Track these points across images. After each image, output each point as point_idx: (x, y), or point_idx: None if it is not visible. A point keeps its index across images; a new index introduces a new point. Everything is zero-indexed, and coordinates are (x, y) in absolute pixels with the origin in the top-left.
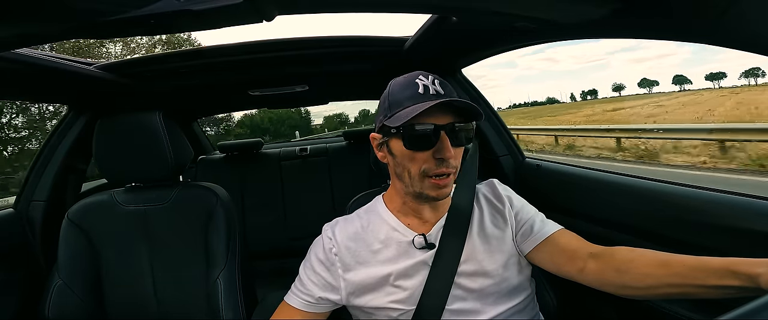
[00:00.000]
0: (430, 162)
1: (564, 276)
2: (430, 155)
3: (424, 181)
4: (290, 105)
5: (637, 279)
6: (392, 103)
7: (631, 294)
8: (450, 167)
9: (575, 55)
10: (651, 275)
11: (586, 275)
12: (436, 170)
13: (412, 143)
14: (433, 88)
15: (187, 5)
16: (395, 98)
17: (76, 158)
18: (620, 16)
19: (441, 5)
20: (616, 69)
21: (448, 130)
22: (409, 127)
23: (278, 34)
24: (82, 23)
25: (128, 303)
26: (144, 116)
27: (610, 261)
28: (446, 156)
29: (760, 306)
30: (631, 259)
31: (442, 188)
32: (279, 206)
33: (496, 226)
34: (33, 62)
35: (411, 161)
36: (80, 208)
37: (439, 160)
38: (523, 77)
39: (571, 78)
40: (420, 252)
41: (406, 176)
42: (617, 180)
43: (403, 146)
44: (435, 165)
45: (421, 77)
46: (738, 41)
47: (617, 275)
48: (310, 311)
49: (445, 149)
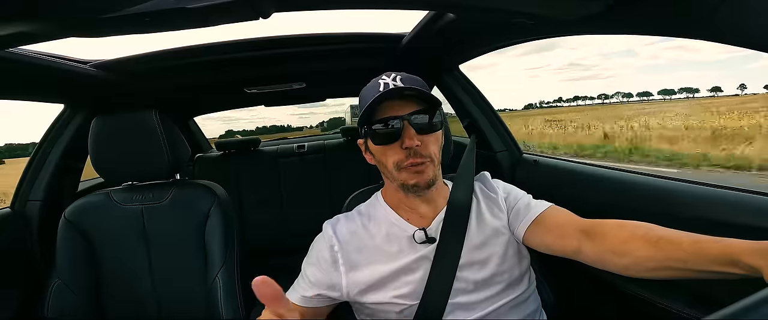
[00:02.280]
0: (399, 154)
1: (561, 255)
2: (399, 147)
3: (402, 172)
4: (287, 102)
5: (637, 262)
6: (362, 104)
7: (633, 276)
8: (419, 157)
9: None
10: (651, 258)
11: (584, 256)
12: (407, 161)
13: (378, 139)
14: (393, 83)
15: (182, 3)
16: (364, 99)
17: (73, 157)
18: (615, 12)
19: (438, 1)
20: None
21: (411, 119)
22: (372, 123)
23: (274, 32)
24: (75, 22)
25: (127, 303)
26: (140, 114)
27: (604, 242)
28: (410, 145)
29: (759, 301)
30: (624, 240)
31: (420, 175)
32: (277, 204)
33: (493, 216)
34: (28, 61)
35: (384, 156)
36: (77, 208)
37: (407, 150)
38: (651, 67)
39: (718, 68)
40: (421, 246)
41: (387, 172)
42: (614, 176)
43: (373, 143)
44: (405, 156)
45: (383, 77)
46: (730, 37)
47: (616, 258)
48: (311, 307)
49: (408, 138)
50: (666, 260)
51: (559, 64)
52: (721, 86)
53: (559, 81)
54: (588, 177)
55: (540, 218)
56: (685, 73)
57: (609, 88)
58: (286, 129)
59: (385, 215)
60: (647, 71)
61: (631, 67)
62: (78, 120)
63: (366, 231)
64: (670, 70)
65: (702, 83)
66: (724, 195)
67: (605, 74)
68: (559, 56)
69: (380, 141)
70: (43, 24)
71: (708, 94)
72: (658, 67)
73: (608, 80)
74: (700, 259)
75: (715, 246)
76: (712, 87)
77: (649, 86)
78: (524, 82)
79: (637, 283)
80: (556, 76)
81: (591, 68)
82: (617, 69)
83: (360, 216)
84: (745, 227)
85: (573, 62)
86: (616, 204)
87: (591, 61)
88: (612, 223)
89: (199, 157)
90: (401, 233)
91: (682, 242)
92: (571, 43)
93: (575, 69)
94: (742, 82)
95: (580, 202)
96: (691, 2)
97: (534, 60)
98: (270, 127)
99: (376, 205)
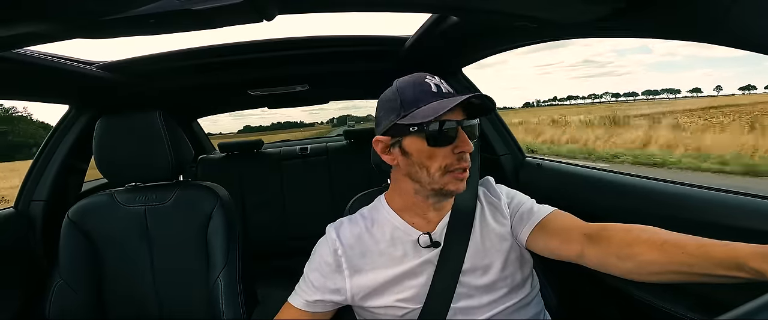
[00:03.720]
0: (450, 157)
1: (565, 259)
2: (450, 151)
3: (446, 176)
4: (291, 105)
5: (642, 266)
6: (406, 102)
7: (636, 280)
8: (468, 161)
9: None
10: (655, 262)
11: (587, 261)
12: (458, 164)
13: (435, 140)
14: (444, 86)
15: (187, 5)
16: (408, 98)
17: (77, 158)
18: (622, 16)
19: (441, 4)
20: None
21: (463, 124)
22: (434, 124)
23: (279, 34)
24: (81, 23)
25: (129, 303)
26: (144, 115)
27: (608, 246)
28: (467, 149)
29: (761, 306)
30: (629, 243)
31: (461, 182)
32: (279, 206)
33: (496, 221)
34: (33, 62)
35: (431, 158)
36: (80, 208)
37: (460, 154)
38: (663, 64)
39: (734, 65)
40: (425, 250)
41: (425, 175)
42: (617, 179)
43: (426, 144)
44: (456, 160)
45: (428, 77)
46: (740, 41)
47: (620, 262)
48: (314, 311)
49: (466, 143)
50: (671, 264)
51: (573, 61)
52: (747, 83)
53: (572, 78)
54: (591, 181)
55: (543, 222)
56: (701, 71)
57: (624, 86)
58: (299, 125)
59: (388, 219)
60: (661, 69)
61: (644, 63)
62: (83, 121)
63: (370, 235)
64: (684, 67)
65: (717, 81)
66: (728, 199)
67: (620, 71)
68: (573, 53)
69: (436, 142)
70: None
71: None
72: (674, 64)
73: (624, 77)
74: (706, 263)
75: (721, 250)
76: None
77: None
78: (533, 80)
79: (641, 286)
80: (571, 72)
81: (606, 65)
82: (632, 66)
83: (363, 220)
84: (750, 231)
85: (588, 59)
86: (619, 208)
87: (606, 58)
88: (616, 227)
89: (202, 158)
90: (406, 238)
91: (688, 245)
92: (586, 40)
93: (590, 66)
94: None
95: (583, 205)
96: (702, 6)
97: (545, 57)
98: (284, 123)
99: (380, 208)
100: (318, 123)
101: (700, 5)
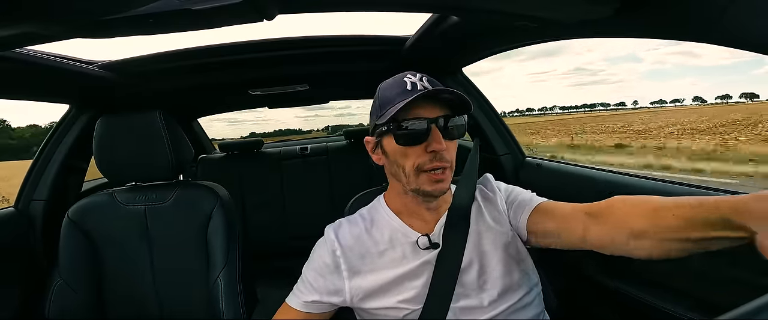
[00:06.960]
0: (423, 157)
1: (567, 245)
2: (423, 150)
3: (420, 176)
4: (290, 104)
5: (655, 232)
6: (382, 103)
7: (645, 255)
8: (444, 161)
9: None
10: (646, 231)
11: (591, 240)
12: (430, 164)
13: (403, 139)
14: (421, 84)
15: (186, 4)
16: (384, 98)
17: (77, 158)
18: (621, 16)
19: (441, 4)
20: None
21: (439, 123)
22: (399, 122)
23: (279, 34)
24: (81, 23)
25: (128, 303)
26: (144, 115)
27: (610, 219)
28: (438, 149)
29: (761, 306)
30: (626, 213)
31: (438, 183)
32: (279, 206)
33: (494, 219)
34: (34, 61)
35: (404, 157)
36: (80, 207)
37: (432, 153)
38: (655, 72)
39: (720, 74)
40: (424, 251)
41: (402, 174)
42: (617, 179)
43: (395, 143)
44: (428, 159)
45: (408, 76)
46: (737, 41)
47: (625, 234)
48: (312, 312)
49: (436, 141)
50: (665, 230)
51: (565, 69)
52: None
53: (566, 86)
54: (591, 181)
55: (542, 205)
56: (690, 79)
57: (616, 94)
58: (297, 132)
59: (387, 221)
60: (652, 77)
61: (636, 72)
62: (83, 120)
63: (369, 237)
64: (675, 75)
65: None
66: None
67: (612, 79)
68: (565, 62)
69: (404, 141)
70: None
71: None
72: (665, 73)
73: (616, 85)
74: (698, 222)
75: (712, 208)
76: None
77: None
78: (526, 87)
79: (641, 287)
80: (564, 80)
81: (597, 73)
82: (623, 74)
83: (363, 221)
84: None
85: (579, 67)
86: None
87: (597, 67)
88: (618, 201)
89: (202, 158)
90: (405, 239)
91: (681, 208)
92: (577, 48)
93: (582, 73)
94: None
95: None
96: (699, 6)
97: (541, 65)
98: (284, 130)
99: (379, 209)
100: (315, 131)
101: (694, 6)
